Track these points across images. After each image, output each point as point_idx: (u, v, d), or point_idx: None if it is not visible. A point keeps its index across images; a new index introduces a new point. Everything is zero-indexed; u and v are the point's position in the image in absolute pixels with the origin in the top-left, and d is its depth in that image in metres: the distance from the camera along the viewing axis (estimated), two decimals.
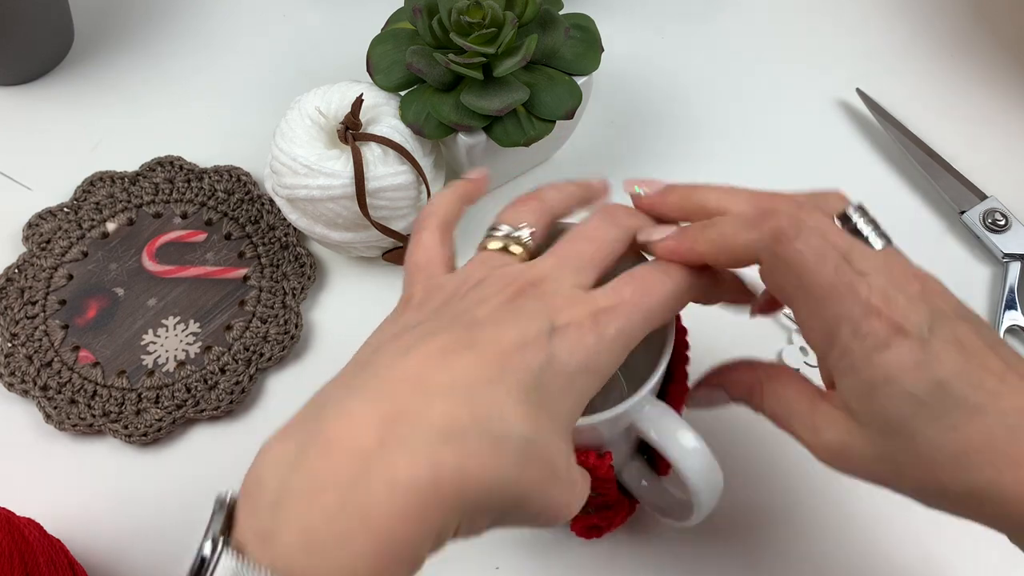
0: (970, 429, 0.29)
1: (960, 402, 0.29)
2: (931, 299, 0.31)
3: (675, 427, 0.34)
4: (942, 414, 0.29)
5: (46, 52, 0.57)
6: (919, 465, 0.30)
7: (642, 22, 0.60)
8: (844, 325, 0.30)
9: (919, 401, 0.30)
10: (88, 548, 0.44)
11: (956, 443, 0.29)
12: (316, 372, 0.48)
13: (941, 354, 0.30)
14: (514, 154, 0.49)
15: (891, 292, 0.30)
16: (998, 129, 0.56)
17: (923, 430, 0.30)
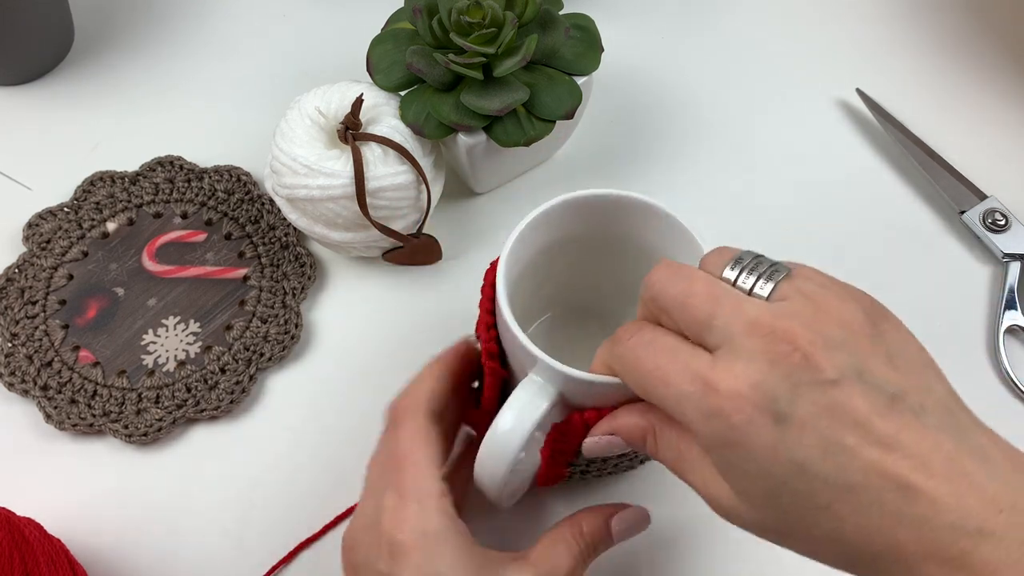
0: (843, 511, 0.27)
1: (827, 483, 0.27)
2: (807, 360, 0.28)
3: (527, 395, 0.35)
4: (808, 496, 0.27)
5: (46, 52, 0.57)
6: (796, 537, 0.29)
7: (642, 22, 0.60)
8: (689, 408, 0.29)
9: (780, 480, 0.28)
10: (88, 548, 0.44)
11: (829, 523, 0.27)
12: (316, 372, 0.49)
13: (800, 434, 0.27)
14: (514, 154, 0.49)
15: (738, 366, 0.28)
16: (998, 129, 0.56)
17: (791, 511, 0.28)
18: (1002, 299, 0.49)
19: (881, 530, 0.27)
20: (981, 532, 0.26)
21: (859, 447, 0.27)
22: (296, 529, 0.44)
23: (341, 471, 0.46)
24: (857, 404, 0.27)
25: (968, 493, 0.27)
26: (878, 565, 0.27)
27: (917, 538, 0.26)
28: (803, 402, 0.27)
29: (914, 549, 0.27)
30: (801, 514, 0.28)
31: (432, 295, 0.50)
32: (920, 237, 0.52)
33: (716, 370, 0.28)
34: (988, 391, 0.48)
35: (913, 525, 0.27)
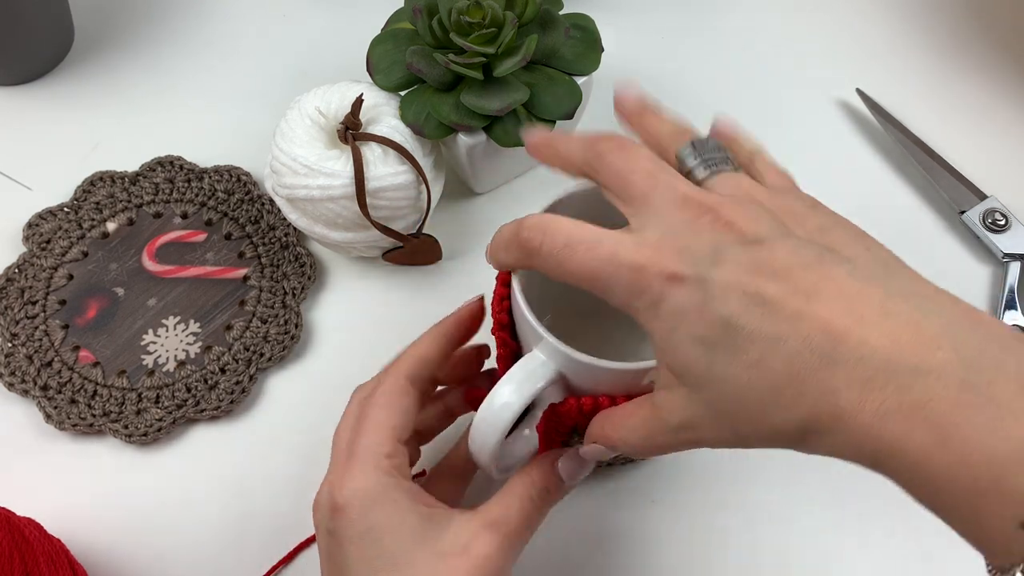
0: (773, 362, 0.27)
1: (753, 336, 0.27)
2: (730, 227, 0.28)
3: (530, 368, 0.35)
4: (738, 351, 0.27)
5: (46, 52, 0.57)
6: (743, 412, 0.28)
7: (642, 22, 0.60)
8: (619, 290, 0.29)
9: (710, 343, 0.28)
10: (88, 548, 0.44)
11: (763, 378, 0.27)
12: (316, 372, 0.49)
13: (723, 289, 0.27)
14: (514, 154, 0.49)
15: (665, 238, 0.29)
16: (998, 129, 0.56)
17: (726, 373, 0.28)
18: (1002, 299, 0.49)
19: (815, 378, 0.26)
20: (918, 370, 0.25)
21: (783, 297, 0.27)
22: (296, 529, 0.44)
23: None
24: (780, 257, 0.28)
25: (902, 332, 0.26)
26: (816, 425, 0.27)
27: (848, 382, 0.26)
28: (726, 261, 0.28)
29: (847, 396, 0.26)
30: (736, 379, 0.28)
31: (432, 295, 0.50)
32: (920, 237, 0.52)
33: (641, 248, 0.29)
34: None
35: (845, 368, 0.26)
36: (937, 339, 0.26)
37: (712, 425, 0.29)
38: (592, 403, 0.35)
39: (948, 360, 0.25)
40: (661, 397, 0.31)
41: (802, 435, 0.27)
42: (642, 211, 0.30)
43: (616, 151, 0.31)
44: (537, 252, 0.31)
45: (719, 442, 0.30)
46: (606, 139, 0.32)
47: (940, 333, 0.26)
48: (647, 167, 0.31)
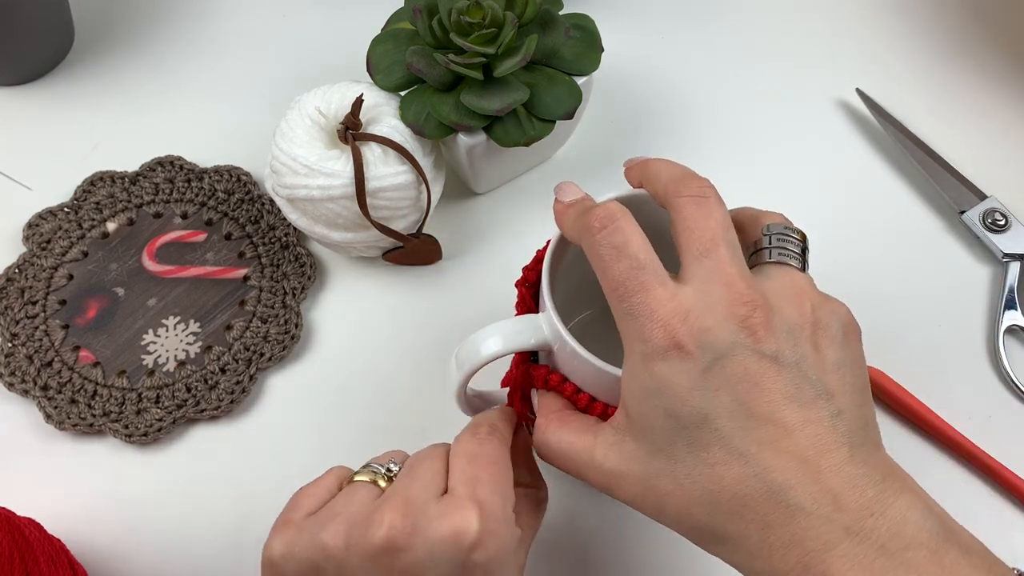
0: (727, 472, 0.28)
1: (723, 442, 0.28)
2: (755, 331, 0.29)
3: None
4: (702, 447, 0.29)
5: (46, 52, 0.57)
6: (676, 496, 0.29)
7: (642, 22, 0.60)
8: (631, 323, 0.30)
9: (682, 425, 0.29)
10: (88, 548, 0.44)
11: (710, 481, 0.29)
12: (316, 372, 0.49)
13: (720, 385, 0.29)
14: (514, 154, 0.49)
15: (698, 307, 0.29)
16: (998, 129, 0.56)
17: (683, 458, 0.29)
18: (1002, 299, 0.49)
19: (755, 506, 0.28)
20: (848, 531, 0.27)
21: (766, 421, 0.28)
22: None
23: None
24: (782, 383, 0.29)
25: (849, 495, 0.28)
26: (737, 542, 0.29)
27: (784, 522, 0.28)
28: (735, 361, 0.29)
29: (778, 534, 0.28)
30: (686, 466, 0.29)
31: (432, 295, 0.50)
32: (920, 237, 0.52)
33: (674, 301, 0.30)
34: (988, 391, 0.48)
35: (786, 511, 0.28)
36: (874, 505, 0.28)
37: (638, 491, 0.31)
38: (559, 380, 0.36)
39: (877, 526, 0.27)
40: (605, 435, 0.32)
41: (718, 542, 0.29)
42: (693, 267, 0.31)
43: (695, 203, 0.32)
44: (590, 235, 0.32)
45: (633, 504, 0.31)
46: (693, 184, 0.33)
47: (878, 499, 0.28)
48: (715, 230, 0.31)
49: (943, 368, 0.48)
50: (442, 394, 0.48)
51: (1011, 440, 0.46)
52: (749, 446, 0.28)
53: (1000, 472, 0.45)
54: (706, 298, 0.29)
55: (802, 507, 0.28)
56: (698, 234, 0.31)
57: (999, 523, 0.44)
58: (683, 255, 0.31)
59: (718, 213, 0.32)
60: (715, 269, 0.30)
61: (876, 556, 0.27)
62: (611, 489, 0.32)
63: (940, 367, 0.48)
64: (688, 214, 0.31)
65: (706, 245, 0.31)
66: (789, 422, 0.28)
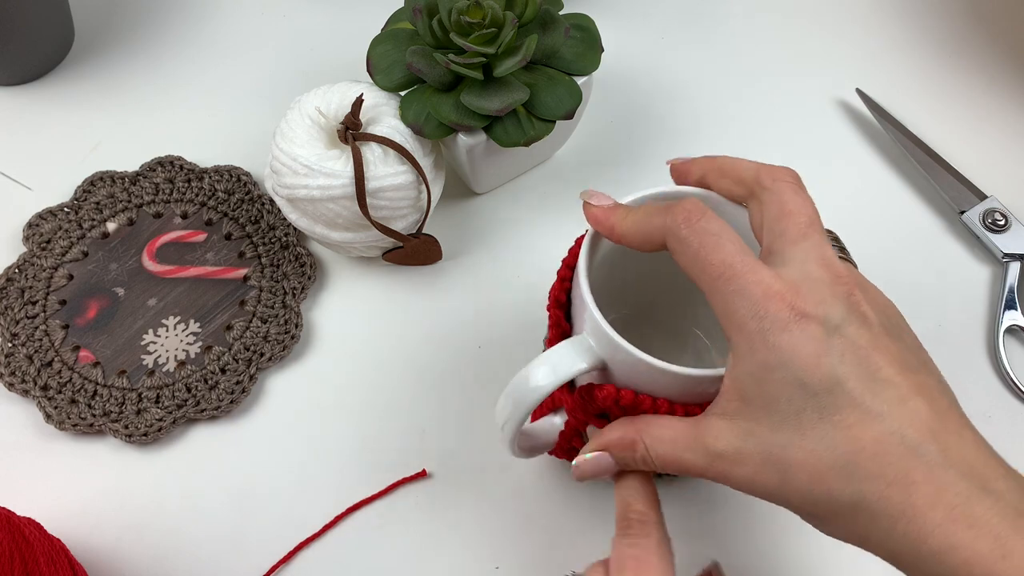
0: (864, 433, 0.28)
1: (856, 403, 0.29)
2: (859, 305, 0.30)
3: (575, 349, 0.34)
4: (835, 410, 0.29)
5: (46, 52, 0.57)
6: (806, 467, 0.29)
7: (642, 22, 0.60)
8: (742, 304, 0.30)
9: (811, 392, 0.29)
10: (88, 548, 0.44)
11: (847, 443, 0.29)
12: (316, 372, 0.49)
13: (844, 351, 0.29)
14: (514, 154, 0.49)
15: (805, 283, 0.30)
16: (998, 129, 0.56)
17: (813, 426, 0.29)
18: (1002, 299, 0.49)
19: (897, 463, 0.28)
20: (985, 490, 0.28)
21: (894, 382, 0.29)
22: (296, 529, 0.44)
23: (341, 471, 0.46)
24: (893, 350, 0.30)
25: (974, 454, 0.29)
26: (876, 506, 0.28)
27: (927, 479, 0.28)
28: (852, 328, 0.29)
29: (924, 491, 0.28)
30: (819, 434, 0.29)
31: (432, 295, 0.50)
32: (920, 237, 0.52)
33: (782, 279, 0.30)
34: (988, 391, 0.48)
35: (927, 466, 0.28)
36: (998, 469, 0.29)
37: (758, 467, 0.30)
38: (632, 397, 0.34)
39: (1008, 488, 0.28)
40: (711, 422, 0.31)
41: (852, 511, 0.29)
42: (788, 251, 0.31)
43: (792, 188, 0.33)
44: (679, 229, 0.32)
45: (751, 485, 0.31)
46: (786, 172, 0.34)
47: (999, 464, 0.29)
48: (810, 215, 0.32)
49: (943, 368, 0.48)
50: (442, 394, 0.48)
51: (1011, 440, 0.46)
52: (882, 405, 0.29)
53: None
54: (809, 276, 0.30)
55: (939, 462, 0.28)
56: (797, 218, 0.32)
57: None
58: (779, 239, 0.32)
59: (811, 201, 0.33)
60: (813, 250, 0.31)
61: (1015, 516, 0.27)
62: (725, 473, 0.31)
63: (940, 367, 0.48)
64: (788, 199, 0.32)
65: (804, 229, 0.31)
66: (909, 385, 0.29)
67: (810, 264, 0.31)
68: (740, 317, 0.30)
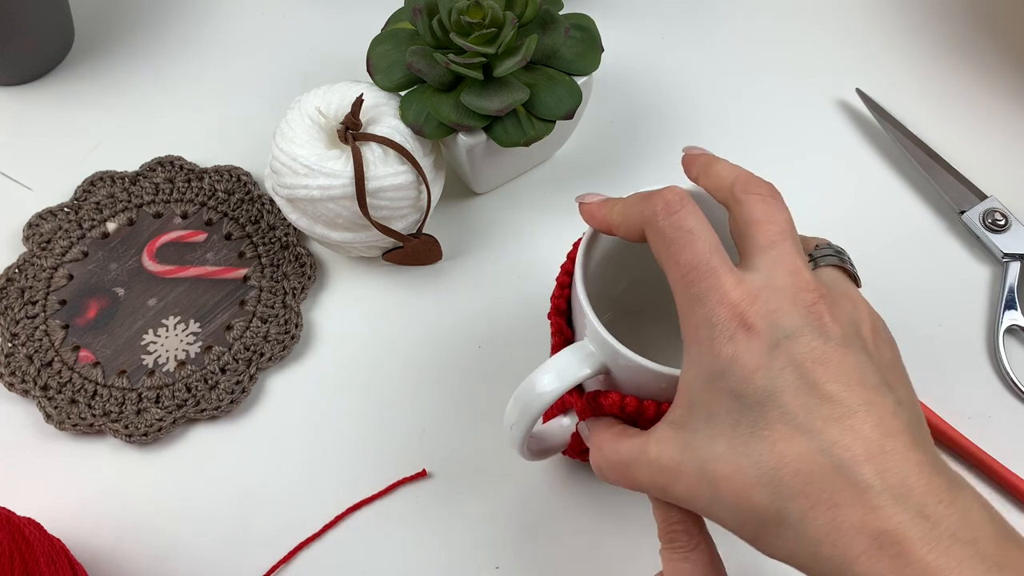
0: (790, 449, 0.28)
1: (787, 418, 0.28)
2: (820, 316, 0.29)
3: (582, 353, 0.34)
4: (765, 424, 0.28)
5: (46, 52, 0.57)
6: (733, 481, 0.29)
7: (642, 22, 0.60)
8: (698, 308, 0.30)
9: (746, 405, 0.29)
10: (88, 548, 0.44)
11: (772, 459, 0.28)
12: (316, 372, 0.49)
13: (786, 364, 0.28)
14: (514, 154, 0.49)
15: (765, 291, 0.30)
16: (998, 129, 0.56)
17: (744, 439, 0.29)
18: (1002, 299, 0.49)
19: (821, 482, 0.27)
20: (920, 515, 0.27)
21: (833, 398, 0.28)
22: (296, 529, 0.44)
23: (341, 471, 0.46)
24: (848, 364, 0.29)
25: (917, 478, 0.27)
26: (799, 522, 0.28)
27: (853, 501, 0.27)
28: (804, 339, 0.29)
29: (848, 514, 0.27)
30: (748, 447, 0.29)
31: (432, 295, 0.50)
32: (920, 237, 0.52)
33: (742, 286, 0.30)
34: (988, 391, 0.48)
35: (855, 489, 0.27)
36: (941, 493, 0.27)
37: (693, 480, 0.30)
38: (636, 404, 0.34)
39: (948, 513, 0.27)
40: (659, 431, 0.31)
41: (777, 527, 0.28)
42: (759, 256, 0.31)
43: (765, 199, 0.33)
44: (656, 220, 0.31)
45: (689, 499, 0.30)
46: (760, 184, 0.33)
47: (945, 487, 0.27)
48: (783, 224, 0.32)
49: (943, 368, 0.48)
50: (442, 394, 0.48)
51: (1011, 440, 0.46)
52: (814, 422, 0.28)
53: (1000, 472, 0.45)
54: (772, 284, 0.30)
55: (871, 485, 0.27)
56: (766, 227, 0.31)
57: None
58: (748, 246, 0.32)
59: (785, 212, 0.32)
60: (781, 259, 0.31)
61: (951, 543, 0.26)
62: (666, 486, 0.31)
63: (940, 367, 0.48)
64: (758, 209, 0.32)
65: (773, 237, 0.31)
66: (854, 402, 0.28)
67: (777, 272, 0.30)
68: (695, 321, 0.30)
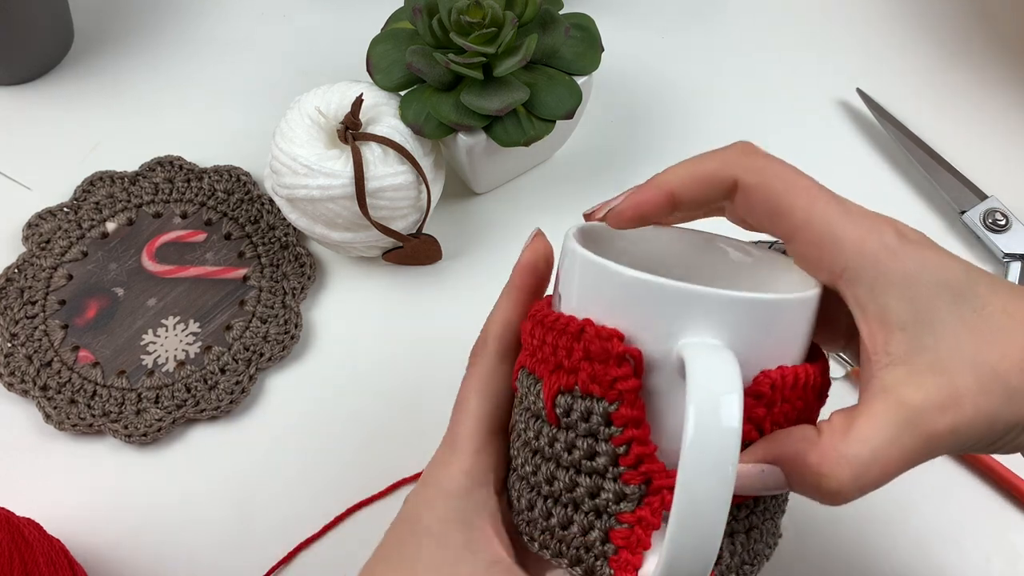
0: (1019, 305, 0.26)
1: (993, 289, 0.27)
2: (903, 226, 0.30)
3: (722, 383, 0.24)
4: (980, 302, 0.26)
5: (46, 52, 0.57)
6: (1010, 352, 0.25)
7: (642, 22, 0.60)
8: (852, 229, 0.27)
9: (956, 292, 0.26)
10: (88, 548, 0.44)
11: (1014, 317, 0.26)
12: (316, 372, 0.48)
13: (949, 255, 0.28)
14: (514, 154, 0.49)
15: (874, 215, 0.29)
16: (998, 129, 0.56)
17: (970, 321, 0.26)
18: None
19: None
20: None
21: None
22: (296, 529, 0.44)
23: (341, 471, 0.46)
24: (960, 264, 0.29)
25: None
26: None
27: None
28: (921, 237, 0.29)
29: None
30: (982, 321, 0.26)
31: (432, 295, 0.50)
32: None
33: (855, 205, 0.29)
34: None
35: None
36: None
37: (975, 390, 0.25)
38: (781, 375, 0.27)
39: None
40: (896, 374, 0.26)
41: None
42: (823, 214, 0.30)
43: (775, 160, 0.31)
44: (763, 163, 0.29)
45: (984, 419, 0.25)
46: (747, 145, 0.32)
47: None
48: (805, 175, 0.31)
49: None
50: (442, 396, 0.48)
51: None
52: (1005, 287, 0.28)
53: (1000, 472, 0.45)
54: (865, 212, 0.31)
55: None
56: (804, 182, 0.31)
57: (999, 523, 0.44)
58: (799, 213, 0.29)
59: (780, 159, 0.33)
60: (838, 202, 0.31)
61: None
62: (951, 430, 0.25)
63: None
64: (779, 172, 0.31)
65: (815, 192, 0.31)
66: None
67: (853, 209, 0.29)
68: (855, 240, 0.27)
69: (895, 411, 0.25)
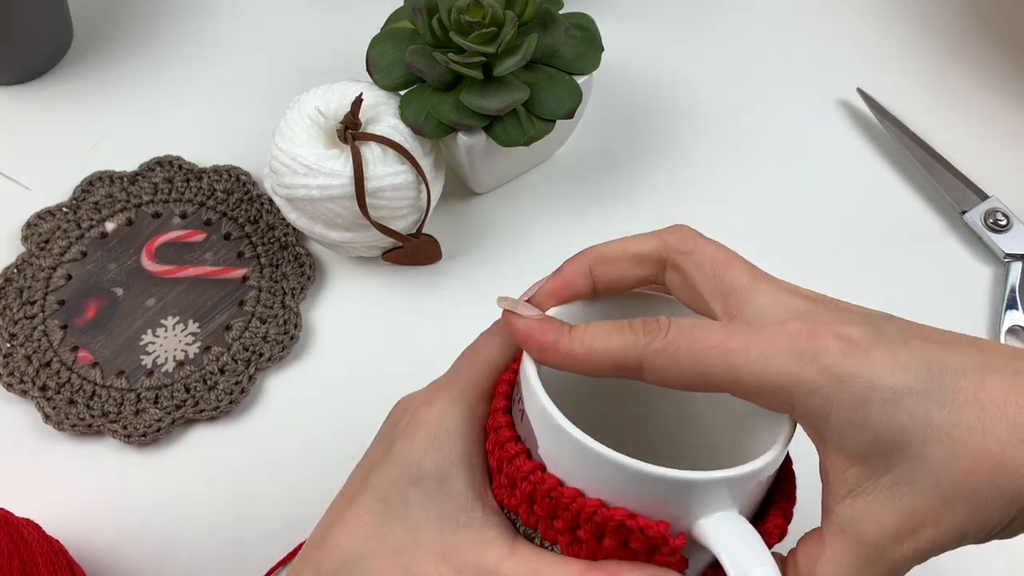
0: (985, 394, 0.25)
1: (960, 373, 0.25)
2: (849, 309, 0.28)
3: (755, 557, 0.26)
4: (953, 392, 0.25)
5: (45, 52, 0.57)
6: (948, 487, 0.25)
7: (642, 21, 0.60)
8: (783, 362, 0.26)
9: (919, 393, 0.25)
10: (87, 548, 0.44)
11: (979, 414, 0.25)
12: (316, 372, 0.48)
13: (903, 347, 0.26)
14: (514, 154, 0.49)
15: (810, 313, 0.27)
16: (999, 129, 0.56)
17: (938, 422, 0.25)
18: (1003, 299, 0.49)
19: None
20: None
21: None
22: (296, 529, 0.44)
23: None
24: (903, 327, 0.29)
25: None
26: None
27: None
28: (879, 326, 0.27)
29: None
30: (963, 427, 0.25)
31: (432, 295, 0.50)
32: (921, 237, 0.52)
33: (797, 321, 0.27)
34: None
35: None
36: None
37: (943, 510, 0.25)
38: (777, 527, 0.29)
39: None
40: (853, 510, 0.26)
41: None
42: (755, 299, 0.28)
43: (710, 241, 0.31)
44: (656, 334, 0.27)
45: (951, 534, 0.26)
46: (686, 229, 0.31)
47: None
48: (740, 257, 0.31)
49: None
50: None
51: None
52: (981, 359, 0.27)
53: None
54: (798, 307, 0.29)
55: None
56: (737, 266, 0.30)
57: None
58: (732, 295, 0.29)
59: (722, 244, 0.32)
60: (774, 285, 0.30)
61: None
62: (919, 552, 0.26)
63: None
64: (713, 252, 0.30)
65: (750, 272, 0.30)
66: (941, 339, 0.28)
67: (783, 297, 0.28)
68: (791, 377, 0.26)
69: (854, 551, 0.26)
